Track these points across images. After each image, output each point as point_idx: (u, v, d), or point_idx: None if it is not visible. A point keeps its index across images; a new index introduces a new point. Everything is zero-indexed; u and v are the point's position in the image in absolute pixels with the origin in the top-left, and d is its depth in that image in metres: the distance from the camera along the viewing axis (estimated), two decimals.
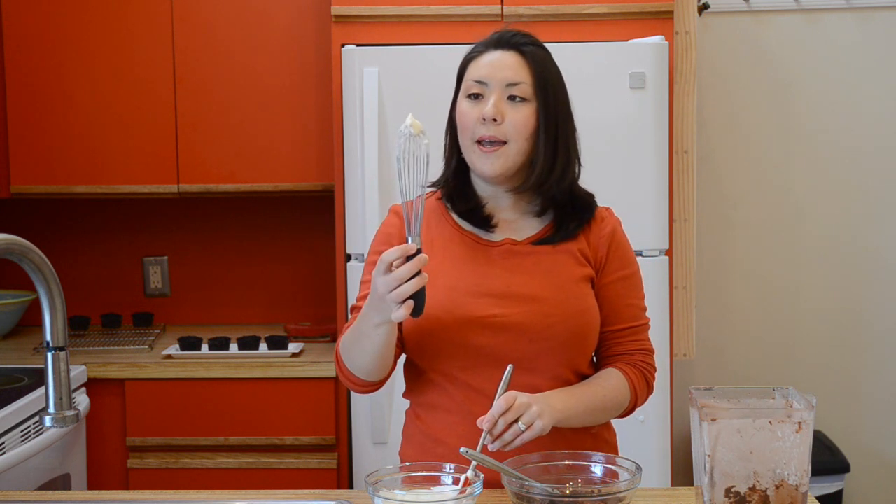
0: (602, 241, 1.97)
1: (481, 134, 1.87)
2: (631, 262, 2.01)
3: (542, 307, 1.89)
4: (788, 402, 1.67)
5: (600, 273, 1.96)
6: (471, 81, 1.90)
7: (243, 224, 3.74)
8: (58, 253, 3.41)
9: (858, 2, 3.74)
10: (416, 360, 1.98)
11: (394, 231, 2.00)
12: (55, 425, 1.66)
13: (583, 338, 1.93)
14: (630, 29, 3.08)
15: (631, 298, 1.99)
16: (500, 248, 1.94)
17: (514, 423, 1.74)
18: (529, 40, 1.93)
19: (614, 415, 1.97)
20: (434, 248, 1.95)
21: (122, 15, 3.38)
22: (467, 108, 1.90)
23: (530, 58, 1.90)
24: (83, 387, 3.10)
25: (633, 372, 1.97)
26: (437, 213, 2.00)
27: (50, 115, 3.40)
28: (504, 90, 1.88)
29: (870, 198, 3.81)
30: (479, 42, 1.96)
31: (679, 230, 3.29)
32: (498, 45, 1.91)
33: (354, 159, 3.03)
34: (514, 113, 1.87)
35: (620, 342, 1.98)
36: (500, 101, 1.87)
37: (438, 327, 1.89)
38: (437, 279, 1.91)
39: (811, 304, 3.84)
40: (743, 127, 3.80)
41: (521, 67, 1.89)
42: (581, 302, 1.92)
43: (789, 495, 1.60)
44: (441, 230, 1.98)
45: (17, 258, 1.60)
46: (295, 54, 3.38)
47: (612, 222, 2.00)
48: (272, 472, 3.17)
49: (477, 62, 1.92)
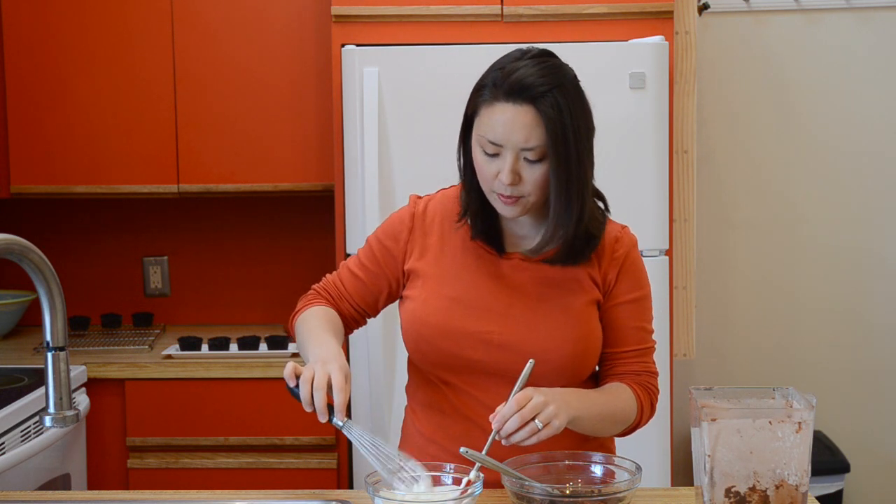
0: (613, 265, 1.93)
1: (499, 191, 1.83)
2: (642, 285, 1.97)
3: (543, 329, 1.88)
4: (788, 402, 1.67)
5: (608, 295, 1.94)
6: (484, 139, 1.82)
7: (243, 224, 3.74)
8: (58, 253, 3.41)
9: (858, 2, 3.74)
10: (414, 360, 1.98)
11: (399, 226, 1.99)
12: (55, 425, 1.66)
13: (582, 360, 1.92)
14: (630, 29, 3.08)
15: (639, 321, 1.97)
16: (509, 262, 1.93)
17: (531, 421, 1.71)
18: (545, 83, 1.79)
19: (620, 429, 1.95)
20: (443, 256, 1.94)
21: (122, 15, 3.38)
22: (483, 162, 1.84)
23: (545, 113, 1.78)
24: (83, 387, 3.10)
25: (641, 391, 1.96)
26: (453, 216, 1.97)
27: (50, 115, 3.40)
28: (519, 152, 1.80)
29: (869, 197, 3.81)
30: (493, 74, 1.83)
31: (679, 230, 3.29)
32: (510, 95, 1.79)
33: (354, 159, 3.03)
34: (531, 173, 1.81)
35: (626, 363, 1.97)
36: (515, 163, 1.80)
37: (437, 336, 1.89)
38: (442, 287, 1.91)
39: (811, 304, 3.84)
40: (743, 127, 3.80)
41: (536, 127, 1.78)
42: (583, 326, 1.90)
43: (789, 495, 1.60)
44: (453, 235, 1.96)
45: (17, 258, 1.60)
46: (295, 54, 3.38)
47: (627, 245, 1.96)
48: (272, 472, 3.17)
49: (490, 115, 1.81)
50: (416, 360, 1.98)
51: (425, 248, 1.96)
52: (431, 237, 1.97)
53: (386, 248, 1.99)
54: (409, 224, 1.98)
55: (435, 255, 1.95)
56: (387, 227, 2.01)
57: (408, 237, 1.98)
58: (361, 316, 2.04)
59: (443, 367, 1.92)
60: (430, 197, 2.03)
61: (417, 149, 3.01)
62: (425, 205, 2.00)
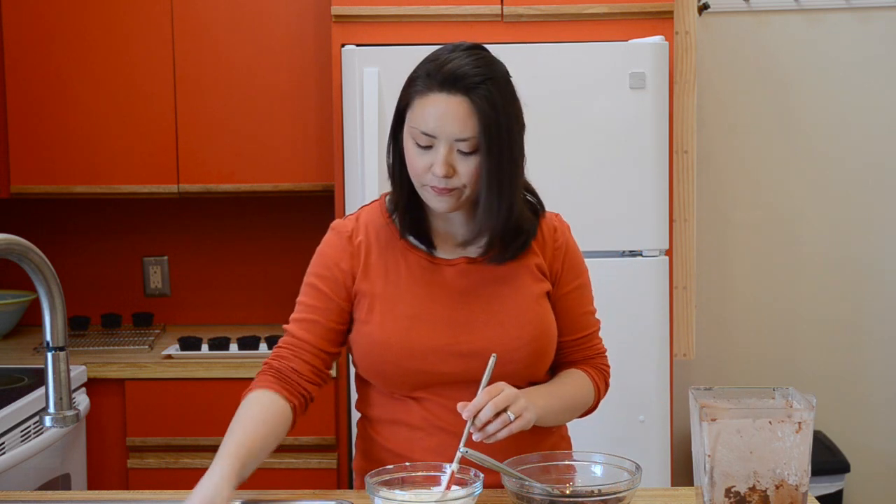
0: (557, 254, 1.95)
1: (433, 183, 1.81)
2: (583, 271, 2.00)
3: (506, 331, 1.88)
4: (788, 402, 1.67)
5: (556, 285, 1.95)
6: (417, 131, 1.79)
7: (243, 224, 3.74)
8: (58, 253, 3.41)
9: (858, 2, 3.74)
10: (374, 382, 1.94)
11: (333, 253, 1.94)
12: (55, 425, 1.66)
13: (544, 355, 1.93)
14: (630, 29, 3.08)
15: (586, 306, 2.00)
16: (454, 267, 1.91)
17: (504, 413, 1.72)
18: (479, 74, 1.78)
19: (579, 414, 2.00)
20: (388, 273, 1.90)
21: (121, 15, 3.38)
22: (415, 155, 1.81)
23: (478, 105, 1.76)
24: (83, 387, 3.10)
25: (596, 374, 2.01)
26: (385, 231, 1.93)
27: (50, 115, 3.40)
28: (453, 144, 1.79)
29: (870, 197, 3.81)
30: (426, 66, 1.83)
31: (679, 230, 3.29)
32: (444, 86, 1.78)
33: (354, 159, 3.03)
34: (464, 165, 1.80)
35: (579, 349, 2.00)
36: (449, 155, 1.78)
37: (402, 357, 1.86)
38: (396, 306, 1.88)
39: (811, 304, 3.84)
40: (743, 127, 3.80)
41: (469, 118, 1.77)
42: (542, 322, 1.91)
43: (789, 495, 1.60)
44: (393, 251, 1.92)
45: (17, 258, 1.60)
46: (295, 54, 3.38)
47: (564, 232, 1.97)
48: (272, 472, 3.16)
49: (423, 106, 1.79)
50: (376, 382, 1.93)
51: (367, 266, 1.91)
52: (371, 255, 1.92)
53: (329, 280, 1.92)
54: (343, 247, 1.93)
55: (379, 273, 1.90)
56: (321, 261, 1.95)
57: (349, 259, 1.92)
58: (325, 365, 1.92)
59: (409, 385, 1.89)
60: (352, 217, 1.98)
61: None
62: (352, 226, 1.95)
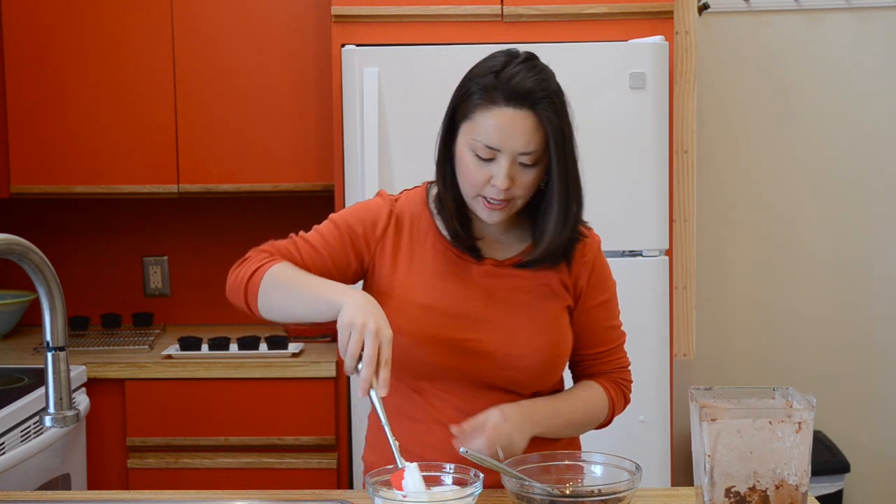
0: (584, 269, 1.93)
1: (490, 195, 1.80)
2: (610, 286, 1.98)
3: (517, 338, 1.88)
4: (788, 402, 1.67)
5: (580, 300, 1.94)
6: (479, 143, 1.77)
7: (243, 224, 3.74)
8: (58, 253, 3.41)
9: (858, 2, 3.74)
10: None
11: (372, 216, 1.92)
12: (55, 425, 1.66)
13: (552, 368, 1.93)
14: (630, 29, 3.08)
15: (610, 321, 1.99)
16: (481, 267, 1.91)
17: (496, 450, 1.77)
18: (542, 87, 1.77)
19: (589, 429, 1.99)
20: (414, 259, 1.91)
21: (121, 16, 3.38)
22: (473, 166, 1.79)
23: (545, 118, 1.76)
24: (83, 387, 3.10)
25: (614, 388, 1.99)
26: (422, 220, 1.93)
27: (50, 115, 3.40)
28: (516, 157, 1.78)
29: (870, 197, 3.81)
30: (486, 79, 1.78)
31: (679, 230, 3.29)
32: (510, 101, 1.76)
33: (354, 159, 3.03)
34: (523, 177, 1.80)
35: (601, 363, 1.99)
36: (511, 168, 1.78)
37: (412, 344, 1.86)
38: (415, 294, 1.88)
39: (811, 304, 3.84)
40: (743, 127, 3.80)
41: (535, 132, 1.77)
42: (555, 333, 1.91)
43: (789, 495, 1.60)
44: (423, 241, 1.92)
45: (17, 258, 1.60)
46: (295, 54, 3.38)
47: (594, 247, 1.96)
48: (272, 472, 3.16)
49: (486, 119, 1.77)
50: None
51: (397, 248, 1.91)
52: (402, 238, 1.92)
53: (356, 233, 1.91)
54: (386, 221, 1.92)
55: (406, 258, 1.91)
56: (360, 213, 1.94)
57: (383, 231, 1.91)
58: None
59: (416, 374, 1.89)
60: (396, 197, 1.97)
61: (417, 149, 2.98)
62: (395, 203, 1.95)
